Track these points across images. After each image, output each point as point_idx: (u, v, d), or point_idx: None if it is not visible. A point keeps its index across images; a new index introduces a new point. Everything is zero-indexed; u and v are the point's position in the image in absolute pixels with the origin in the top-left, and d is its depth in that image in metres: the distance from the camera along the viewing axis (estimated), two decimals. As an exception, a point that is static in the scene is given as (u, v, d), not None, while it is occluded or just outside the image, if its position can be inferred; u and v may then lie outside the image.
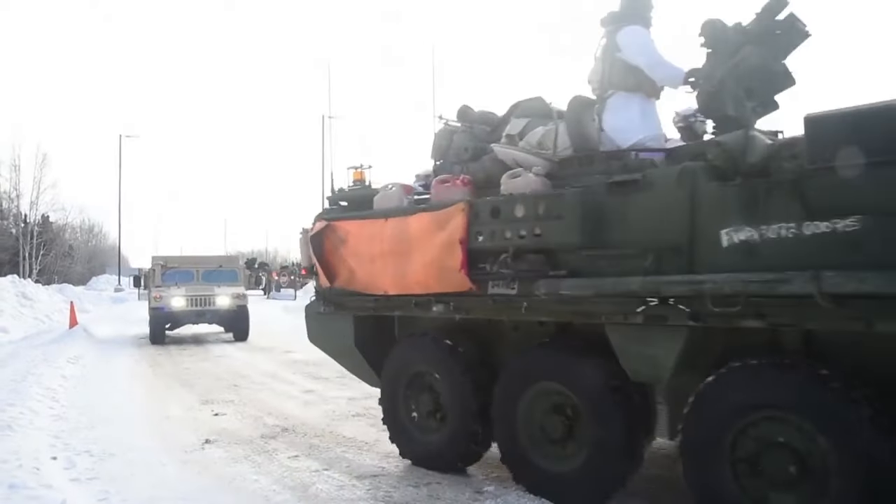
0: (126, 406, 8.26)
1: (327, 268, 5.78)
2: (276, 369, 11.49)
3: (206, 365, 12.21)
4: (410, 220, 5.08)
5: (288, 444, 6.38)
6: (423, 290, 5.03)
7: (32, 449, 5.75)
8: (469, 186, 4.98)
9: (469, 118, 5.71)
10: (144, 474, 5.39)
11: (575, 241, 4.19)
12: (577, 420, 4.42)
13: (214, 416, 7.68)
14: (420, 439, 5.48)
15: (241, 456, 5.97)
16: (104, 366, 11.81)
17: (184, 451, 6.16)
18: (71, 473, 5.34)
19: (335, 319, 5.97)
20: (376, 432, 6.76)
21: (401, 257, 5.11)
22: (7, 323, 17.92)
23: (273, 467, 5.62)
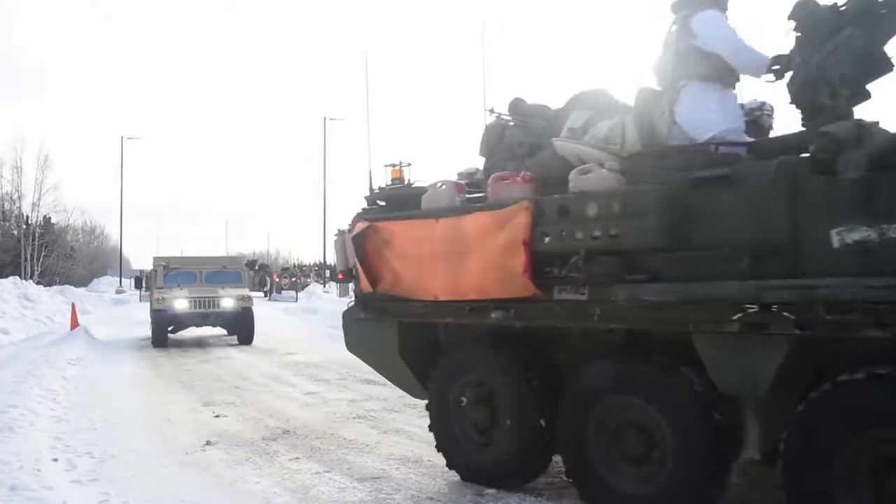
0: (127, 408, 8.26)
1: (369, 271, 5.38)
2: (277, 371, 11.49)
3: (207, 366, 12.21)
4: (465, 220, 4.71)
5: (289, 446, 6.38)
6: (480, 296, 4.65)
7: (33, 450, 5.74)
8: (531, 183, 4.60)
9: (522, 112, 5.31)
10: (145, 476, 5.39)
11: (656, 242, 3.85)
12: (658, 437, 4.00)
13: (215, 418, 7.67)
14: (474, 453, 5.05)
15: (242, 458, 5.96)
16: (105, 367, 11.81)
17: (184, 452, 6.16)
18: (72, 475, 5.34)
19: (377, 326, 5.54)
20: (377, 434, 6.77)
21: (454, 260, 4.73)
22: (8, 324, 17.92)
23: (274, 469, 5.62)
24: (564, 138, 4.62)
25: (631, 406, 4.12)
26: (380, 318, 5.49)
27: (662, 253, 3.87)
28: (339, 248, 5.97)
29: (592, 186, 4.19)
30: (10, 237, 47.02)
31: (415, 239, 5.05)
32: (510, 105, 5.38)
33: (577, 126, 4.56)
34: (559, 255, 4.24)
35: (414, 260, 5.06)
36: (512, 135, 5.18)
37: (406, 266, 5.14)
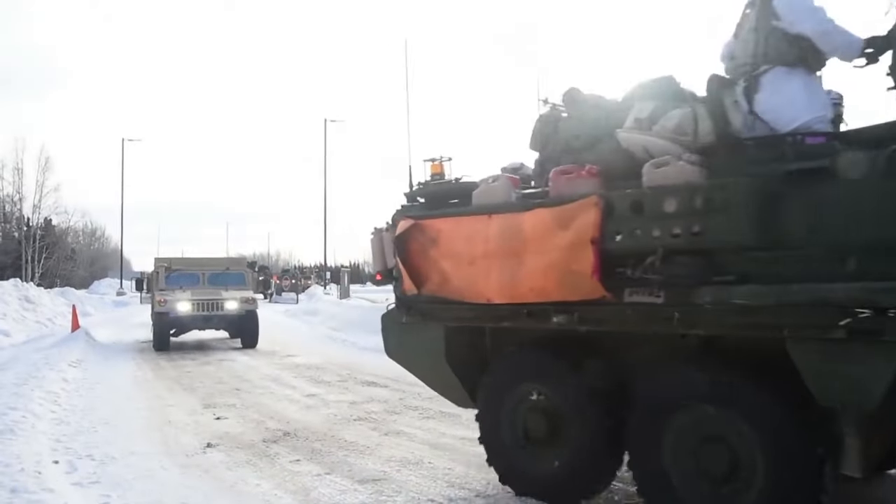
0: (128, 410, 8.27)
1: (413, 272, 5.02)
2: (277, 373, 11.49)
3: (208, 368, 12.21)
4: (524, 218, 4.37)
5: (289, 448, 6.38)
6: (540, 298, 4.30)
7: (34, 453, 5.75)
8: (596, 178, 4.26)
9: (578, 103, 4.95)
10: (146, 478, 5.39)
11: (747, 240, 3.53)
12: (744, 452, 3.67)
13: (216, 420, 7.67)
14: (529, 467, 4.72)
15: (243, 460, 5.96)
16: (106, 369, 11.82)
17: (185, 455, 6.16)
18: (72, 477, 5.35)
19: (421, 331, 5.20)
20: (378, 436, 6.76)
21: (511, 260, 4.40)
22: (9, 326, 17.92)
23: (275, 471, 5.61)
24: (630, 129, 4.27)
25: (712, 418, 3.80)
26: (424, 321, 5.14)
27: (752, 252, 3.56)
28: (376, 247, 5.63)
29: (670, 180, 3.85)
30: (10, 239, 47.05)
31: (465, 237, 4.71)
32: (565, 95, 5.02)
33: (643, 116, 4.22)
34: (632, 255, 3.92)
35: (464, 260, 4.71)
36: (567, 127, 4.84)
37: (455, 266, 4.79)
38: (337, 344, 15.82)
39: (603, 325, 4.17)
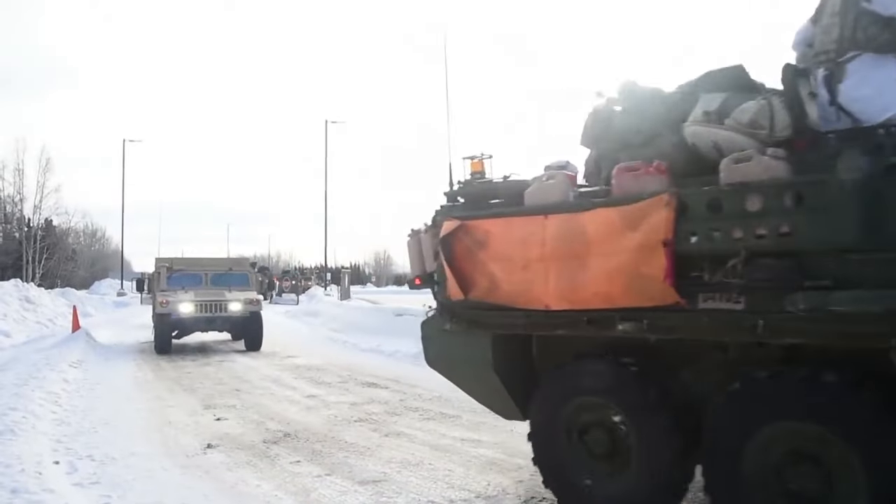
0: (128, 410, 8.27)
1: (460, 276, 4.70)
2: (278, 374, 11.49)
3: (209, 369, 12.21)
4: (586, 218, 4.07)
5: (290, 449, 6.37)
6: (605, 304, 4.00)
7: (35, 453, 5.75)
8: (665, 174, 3.94)
9: (636, 96, 4.60)
10: (146, 479, 5.39)
11: (848, 241, 3.23)
12: (841, 473, 3.33)
13: (216, 421, 7.67)
14: (591, 487, 4.34)
15: (243, 461, 5.96)
16: (106, 370, 11.82)
17: (185, 455, 6.16)
18: (73, 478, 5.35)
19: (467, 339, 4.85)
20: (379, 438, 6.76)
21: (571, 264, 4.10)
22: (10, 327, 17.92)
23: (275, 472, 5.61)
24: (698, 123, 3.98)
25: (802, 434, 3.47)
26: (470, 329, 4.80)
27: (853, 254, 3.24)
28: (413, 249, 5.34)
29: (753, 176, 3.54)
30: (11, 240, 47.07)
31: (518, 239, 4.39)
32: (621, 88, 4.66)
33: (712, 109, 3.93)
34: (708, 258, 3.65)
35: (517, 263, 4.39)
36: (624, 121, 4.50)
37: (507, 270, 4.47)
38: (337, 345, 15.82)
39: (674, 333, 3.85)
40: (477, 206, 4.92)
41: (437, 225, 5.00)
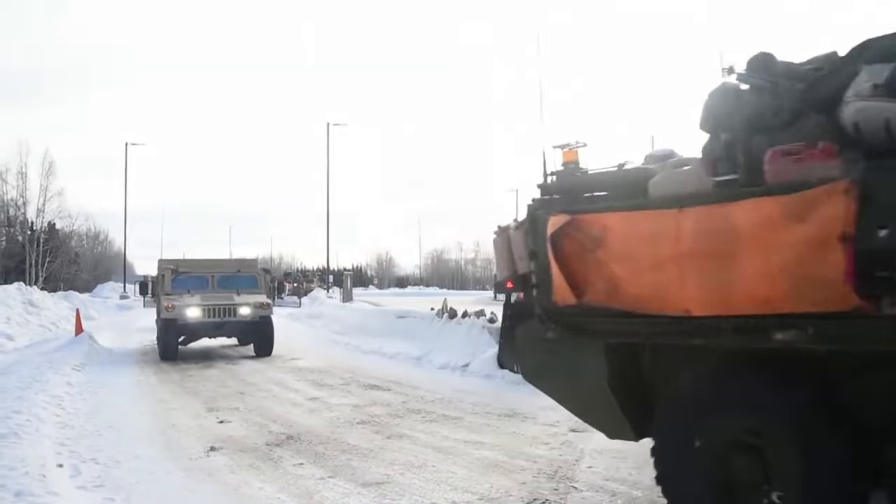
0: (131, 413, 8.28)
1: (571, 277, 4.17)
2: (281, 377, 11.50)
3: (212, 372, 12.23)
4: (735, 210, 3.54)
5: (293, 451, 6.39)
6: (764, 309, 3.45)
7: (38, 456, 5.76)
8: (835, 158, 3.42)
9: (775, 72, 4.09)
10: (150, 482, 5.40)
11: None
12: None
13: (219, 424, 7.69)
14: None
15: (246, 463, 5.97)
16: (109, 373, 11.84)
17: (189, 458, 6.18)
18: (77, 481, 5.36)
19: (574, 349, 4.33)
20: (381, 440, 6.77)
21: (716, 263, 3.59)
22: (13, 330, 17.95)
23: (278, 475, 5.62)
24: (868, 98, 3.47)
25: None
26: (578, 337, 4.26)
27: None
28: (501, 249, 4.85)
29: None
30: (14, 243, 47.18)
31: (647, 236, 3.87)
32: (755, 63, 4.13)
33: (881, 81, 3.44)
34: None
35: (646, 263, 3.87)
36: (760, 101, 4.00)
37: (632, 271, 3.94)
38: (340, 347, 15.84)
39: (850, 344, 3.28)
40: (576, 200, 4.41)
41: (532, 221, 4.48)
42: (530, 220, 4.51)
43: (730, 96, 4.14)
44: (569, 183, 4.57)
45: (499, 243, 4.92)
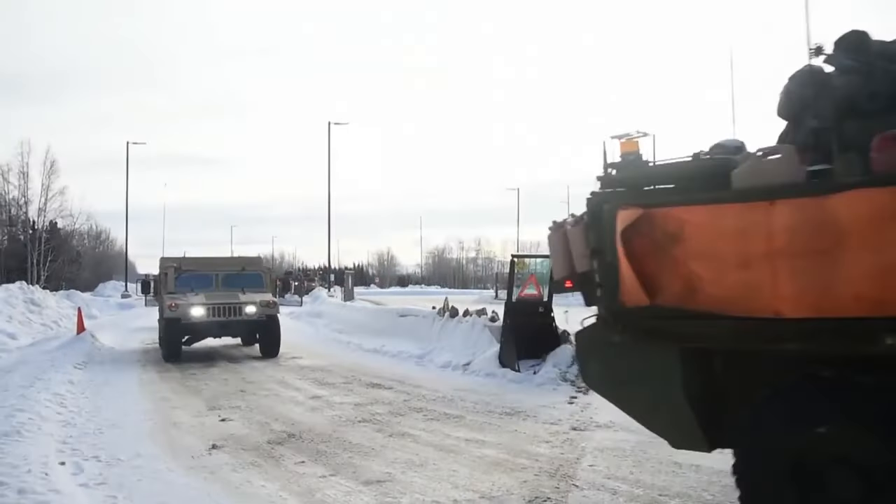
0: (133, 412, 8.30)
1: (643, 277, 3.88)
2: (282, 375, 11.52)
3: (213, 370, 12.24)
4: (836, 203, 3.22)
5: (294, 449, 6.40)
6: (873, 311, 3.14)
7: (41, 454, 5.78)
8: None
9: (867, 52, 3.78)
10: (151, 480, 5.41)
11: None
12: None
13: (221, 422, 7.70)
14: None
15: (248, 462, 5.98)
16: (111, 371, 11.86)
17: (191, 456, 6.19)
18: (79, 479, 5.37)
19: (644, 354, 4.00)
20: (383, 438, 6.78)
21: (816, 260, 3.30)
22: (15, 329, 17.99)
23: (280, 473, 5.63)
24: None
25: None
26: (649, 341, 3.93)
27: None
28: (557, 246, 4.51)
29: None
30: (16, 242, 47.25)
31: (732, 231, 3.57)
32: (846, 43, 3.82)
33: None
34: None
35: (731, 261, 3.58)
36: (852, 84, 3.72)
37: (715, 270, 3.65)
38: (341, 346, 15.85)
39: None
40: (644, 193, 4.17)
41: (594, 215, 4.20)
42: (591, 214, 4.20)
43: (815, 80, 3.84)
44: (633, 174, 4.24)
45: (554, 240, 4.55)
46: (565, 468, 5.63)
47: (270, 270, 16.28)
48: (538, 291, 11.00)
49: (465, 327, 12.56)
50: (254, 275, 14.92)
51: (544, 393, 9.19)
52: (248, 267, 15.34)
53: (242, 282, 14.50)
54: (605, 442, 6.50)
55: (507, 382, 9.98)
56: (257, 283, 14.68)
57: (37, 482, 4.83)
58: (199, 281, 14.30)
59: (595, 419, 7.54)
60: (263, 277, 15.08)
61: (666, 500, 4.80)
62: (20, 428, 6.56)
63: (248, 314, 13.62)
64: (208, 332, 13.92)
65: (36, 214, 47.27)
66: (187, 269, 14.60)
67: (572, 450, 6.22)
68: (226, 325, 13.75)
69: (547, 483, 5.24)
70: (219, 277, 14.50)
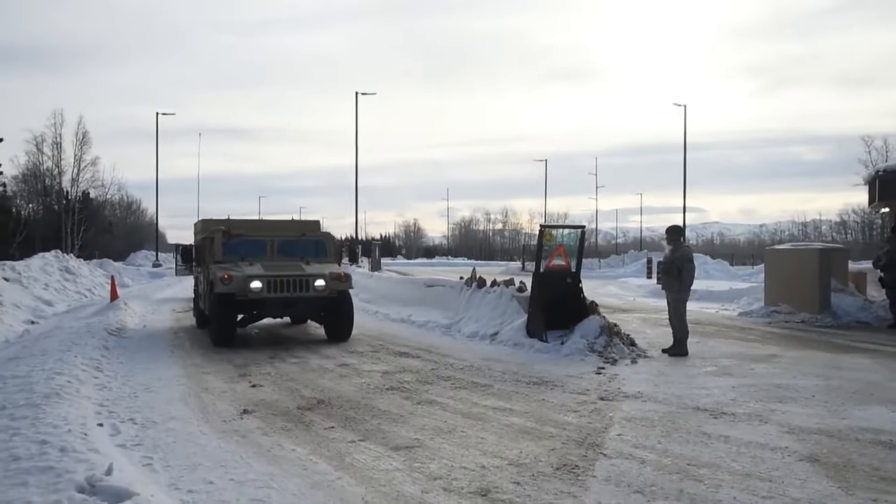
0: (165, 377, 8.46)
1: None
2: (311, 343, 11.65)
3: (243, 338, 12.41)
4: None
5: (324, 415, 6.48)
6: None
7: (80, 416, 5.93)
8: None
9: None
10: (185, 442, 5.53)
11: None
12: None
13: (251, 388, 7.82)
14: None
15: (279, 426, 6.08)
16: (144, 338, 12.10)
17: (222, 420, 6.30)
18: (116, 440, 5.51)
19: None
20: (411, 405, 6.83)
21: None
22: (52, 296, 18.43)
23: (310, 437, 5.72)
24: None
25: None
26: None
27: None
28: None
29: None
30: (51, 212, 48.15)
31: None
32: None
33: None
34: None
35: None
36: None
37: None
38: (369, 315, 15.96)
39: None
40: None
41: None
42: None
43: None
44: None
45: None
46: (593, 437, 5.63)
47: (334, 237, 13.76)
48: (566, 262, 10.95)
49: (493, 297, 12.56)
50: (315, 241, 12.76)
51: (572, 363, 9.20)
52: (308, 232, 13.13)
53: (302, 249, 12.41)
54: (633, 412, 6.49)
55: (535, 353, 9.99)
56: (319, 252, 12.57)
57: (77, 442, 4.95)
58: (251, 248, 12.19)
59: (623, 389, 7.52)
60: (327, 245, 12.90)
61: (695, 469, 4.78)
62: (59, 390, 6.73)
63: (317, 289, 11.27)
64: (269, 310, 11.56)
65: (69, 185, 48.14)
66: (237, 233, 12.38)
67: (600, 419, 6.22)
68: (290, 303, 11.39)
69: (574, 451, 5.25)
70: (274, 244, 12.34)
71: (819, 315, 14.26)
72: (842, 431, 5.81)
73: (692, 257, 10.23)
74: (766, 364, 9.26)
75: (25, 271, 19.01)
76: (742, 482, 4.52)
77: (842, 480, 4.59)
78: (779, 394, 7.30)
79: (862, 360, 9.58)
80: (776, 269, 15.71)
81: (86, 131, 48.21)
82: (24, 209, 48.10)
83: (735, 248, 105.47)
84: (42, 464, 4.31)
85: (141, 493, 3.83)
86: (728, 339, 11.82)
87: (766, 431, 5.80)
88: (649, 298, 21.69)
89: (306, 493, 4.37)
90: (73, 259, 25.46)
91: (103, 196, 54.04)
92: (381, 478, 4.68)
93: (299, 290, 11.18)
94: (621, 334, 10.38)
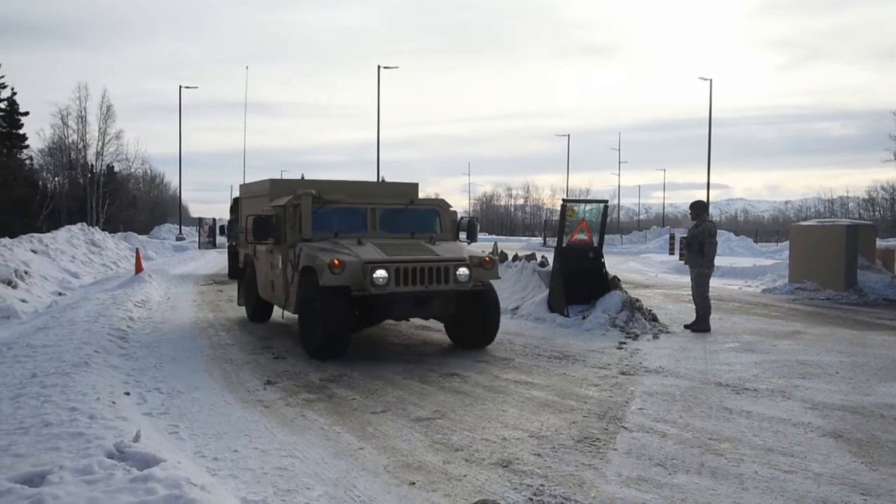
0: (190, 348, 8.58)
1: None
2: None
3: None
4: None
5: (346, 387, 6.54)
6: None
7: (108, 384, 6.05)
8: None
9: None
10: (210, 411, 5.62)
11: None
12: None
13: (274, 360, 7.91)
14: None
15: (301, 397, 6.15)
16: (168, 310, 12.27)
17: (246, 391, 6.39)
18: (143, 408, 5.62)
19: None
20: (434, 377, 6.88)
21: None
22: (78, 268, 18.72)
23: (332, 408, 5.78)
24: None
25: None
26: None
27: None
28: None
29: None
30: (76, 185, 48.76)
31: None
32: None
33: None
34: None
35: None
36: None
37: None
38: (390, 290, 15.99)
39: None
40: None
41: None
42: None
43: None
44: None
45: None
46: (614, 411, 5.64)
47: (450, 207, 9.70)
48: (588, 237, 10.89)
49: (515, 272, 12.55)
50: (427, 212, 9.38)
51: (593, 338, 9.19)
52: (416, 199, 9.56)
53: (412, 224, 9.12)
54: (655, 387, 6.48)
55: (556, 327, 9.99)
56: (431, 226, 9.25)
57: (105, 409, 5.06)
58: (346, 219, 8.84)
59: (644, 364, 7.51)
60: (442, 217, 9.43)
61: (716, 444, 4.78)
62: (87, 360, 6.86)
63: (459, 280, 7.89)
64: (396, 310, 8.06)
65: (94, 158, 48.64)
66: (331, 199, 8.85)
67: (621, 393, 6.22)
68: (424, 300, 7.95)
69: (595, 424, 5.26)
70: (375, 214, 8.94)
71: (844, 292, 14.09)
72: (866, 408, 5.77)
73: (715, 232, 10.13)
74: (790, 340, 9.19)
75: (52, 244, 19.30)
76: (764, 457, 4.51)
77: (865, 456, 4.56)
78: (802, 370, 7.25)
79: (888, 338, 9.47)
80: (801, 245, 15.51)
81: (110, 105, 48.65)
82: (50, 182, 48.76)
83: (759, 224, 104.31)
84: (72, 430, 4.41)
85: (168, 460, 3.90)
86: (751, 316, 11.73)
87: (788, 407, 5.77)
88: (671, 274, 21.55)
89: (329, 462, 4.43)
90: (99, 232, 25.80)
91: (127, 170, 54.65)
92: (403, 447, 4.73)
93: (436, 282, 7.78)
94: (643, 309, 10.34)
